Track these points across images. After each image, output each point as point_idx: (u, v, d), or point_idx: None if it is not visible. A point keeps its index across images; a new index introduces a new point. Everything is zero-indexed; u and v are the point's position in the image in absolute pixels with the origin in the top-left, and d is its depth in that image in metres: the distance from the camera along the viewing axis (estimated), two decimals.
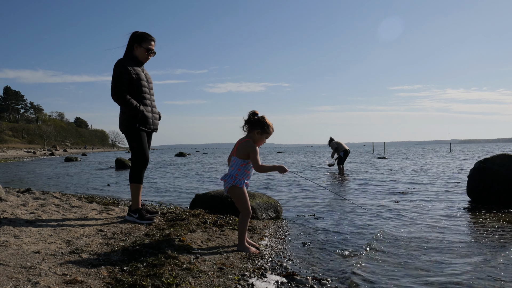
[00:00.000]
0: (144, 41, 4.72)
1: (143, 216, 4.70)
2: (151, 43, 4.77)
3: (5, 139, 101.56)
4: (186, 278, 2.88)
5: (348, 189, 9.83)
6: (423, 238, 4.64)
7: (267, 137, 3.88)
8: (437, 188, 9.73)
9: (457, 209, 6.60)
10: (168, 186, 11.34)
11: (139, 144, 4.70)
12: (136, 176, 4.74)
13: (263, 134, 3.83)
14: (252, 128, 3.83)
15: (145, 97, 4.74)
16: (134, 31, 4.78)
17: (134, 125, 4.66)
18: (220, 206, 5.65)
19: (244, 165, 3.81)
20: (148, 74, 4.95)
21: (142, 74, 4.76)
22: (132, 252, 3.41)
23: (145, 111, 4.70)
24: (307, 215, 6.15)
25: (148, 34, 4.78)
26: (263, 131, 3.82)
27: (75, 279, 2.68)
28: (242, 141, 3.83)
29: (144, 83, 4.73)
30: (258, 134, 3.82)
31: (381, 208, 6.79)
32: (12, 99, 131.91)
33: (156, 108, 4.96)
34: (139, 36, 4.73)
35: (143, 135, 4.75)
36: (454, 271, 3.44)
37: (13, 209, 5.04)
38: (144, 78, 4.75)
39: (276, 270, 3.35)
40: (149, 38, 4.75)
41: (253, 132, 3.83)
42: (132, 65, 4.67)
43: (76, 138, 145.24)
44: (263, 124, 3.82)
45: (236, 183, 3.77)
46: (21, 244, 3.44)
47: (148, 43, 4.74)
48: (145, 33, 4.76)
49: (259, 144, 3.85)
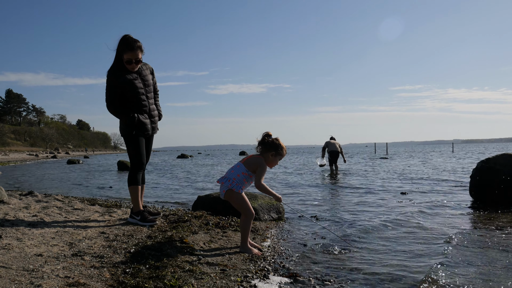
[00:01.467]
0: (125, 52, 4.49)
1: (145, 218, 4.70)
2: (129, 53, 4.48)
3: (8, 142, 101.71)
4: (189, 280, 2.88)
5: (349, 190, 9.81)
6: (426, 239, 4.63)
7: (280, 159, 4.00)
8: (440, 188, 9.71)
9: (459, 209, 6.59)
10: (170, 188, 11.35)
11: (135, 149, 4.71)
12: (133, 179, 4.75)
13: (277, 156, 3.93)
14: (266, 150, 3.91)
15: (142, 104, 4.68)
16: (124, 34, 4.57)
17: (131, 132, 4.67)
18: (222, 208, 5.65)
19: (246, 175, 3.85)
20: (147, 71, 4.81)
21: (137, 80, 4.63)
22: (134, 254, 3.42)
23: (142, 118, 4.68)
24: (309, 216, 6.14)
25: (129, 40, 4.50)
26: (277, 153, 3.91)
27: (77, 282, 2.68)
28: (256, 156, 3.93)
29: (140, 89, 4.64)
30: (272, 156, 3.91)
31: (383, 208, 6.78)
32: (14, 102, 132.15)
33: (156, 110, 4.93)
34: (121, 43, 4.51)
35: (141, 140, 4.75)
36: (456, 273, 3.43)
37: (15, 212, 5.05)
38: (138, 84, 4.63)
39: (279, 271, 3.35)
40: (128, 48, 4.48)
41: (267, 153, 3.90)
42: (122, 73, 4.56)
43: (78, 141, 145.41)
44: (277, 147, 3.91)
45: (232, 186, 3.78)
46: (23, 247, 3.44)
47: (128, 54, 4.49)
48: (126, 40, 4.50)
49: (272, 165, 3.96)
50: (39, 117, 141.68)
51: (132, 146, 4.71)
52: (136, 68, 4.64)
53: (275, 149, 3.90)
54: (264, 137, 3.96)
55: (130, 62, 4.54)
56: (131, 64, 4.56)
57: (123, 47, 4.50)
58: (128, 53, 4.50)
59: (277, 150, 3.90)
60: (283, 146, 3.95)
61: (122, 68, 4.60)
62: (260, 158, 3.90)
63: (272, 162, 3.94)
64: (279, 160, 4.02)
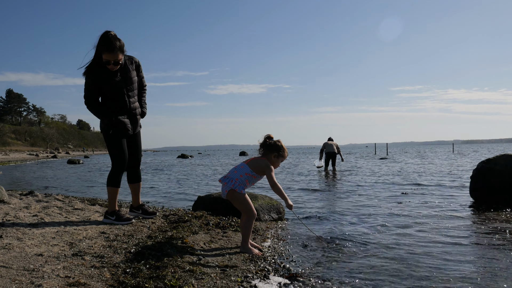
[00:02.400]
0: (103, 52, 4.27)
1: (120, 217, 4.67)
2: (110, 55, 4.26)
3: (8, 141, 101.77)
4: (189, 280, 2.88)
5: (349, 190, 9.80)
6: (426, 239, 4.63)
7: (282, 160, 4.05)
8: (440, 188, 9.71)
9: (460, 210, 6.59)
10: (170, 188, 11.35)
11: (116, 147, 4.62)
12: (114, 179, 4.66)
13: (279, 157, 3.99)
14: (269, 152, 3.96)
15: (122, 103, 4.54)
16: (105, 31, 4.31)
17: (108, 132, 4.59)
18: (223, 208, 5.65)
19: (249, 175, 3.86)
20: (132, 66, 4.59)
21: (117, 77, 4.45)
22: (135, 254, 3.42)
23: (121, 118, 4.56)
24: (309, 217, 6.14)
25: (110, 42, 4.23)
26: (279, 154, 3.97)
27: (78, 282, 2.68)
28: (260, 158, 3.97)
29: (119, 88, 4.47)
30: (275, 158, 3.96)
31: (383, 209, 6.78)
32: (15, 101, 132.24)
33: (139, 108, 4.76)
34: (100, 43, 4.27)
35: (121, 138, 4.65)
36: (456, 273, 3.43)
37: (16, 211, 5.05)
38: (119, 82, 4.46)
39: (279, 272, 3.35)
40: (107, 48, 4.23)
41: (269, 155, 3.96)
42: (102, 71, 4.39)
43: (78, 141, 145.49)
44: (279, 148, 3.96)
45: (235, 187, 3.78)
46: (24, 246, 3.44)
47: (106, 55, 4.26)
48: (106, 41, 4.24)
49: (275, 166, 3.99)
50: (39, 117, 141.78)
51: (111, 144, 4.62)
52: (115, 69, 4.42)
53: (277, 151, 3.95)
54: (266, 139, 4.00)
55: (108, 63, 4.33)
56: (109, 65, 4.35)
57: (102, 47, 4.25)
58: (107, 53, 4.26)
59: (279, 152, 3.96)
60: (285, 148, 4.01)
61: (101, 64, 4.39)
62: (265, 159, 3.95)
63: (275, 164, 3.99)
64: (281, 162, 4.06)
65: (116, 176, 4.67)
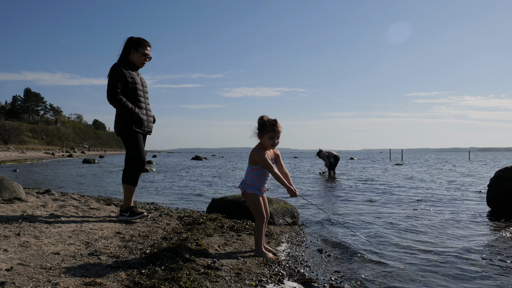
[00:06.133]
0: (141, 47, 4.79)
1: (134, 213, 4.79)
2: (147, 49, 4.84)
3: (25, 140, 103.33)
4: (204, 282, 2.88)
5: (364, 197, 9.73)
6: (443, 247, 4.56)
7: (272, 136, 3.63)
8: (456, 196, 9.58)
9: (476, 219, 6.48)
10: (184, 190, 11.40)
11: (136, 146, 4.74)
12: (132, 178, 4.79)
13: (264, 134, 3.64)
14: (260, 134, 3.69)
15: (140, 100, 4.79)
16: (130, 36, 4.84)
17: (130, 127, 4.70)
18: (237, 211, 5.65)
19: (252, 171, 3.75)
20: (144, 78, 4.99)
21: (137, 78, 4.81)
22: (150, 255, 3.43)
23: (140, 114, 4.74)
24: (323, 221, 6.10)
25: (144, 39, 4.85)
26: (263, 131, 3.65)
27: (94, 281, 2.70)
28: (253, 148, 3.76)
29: (139, 86, 4.78)
30: (262, 137, 3.67)
31: (399, 216, 6.71)
32: (32, 100, 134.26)
33: (150, 111, 5.01)
34: (135, 41, 4.79)
35: (139, 137, 4.78)
36: (472, 282, 3.37)
37: (33, 210, 5.11)
38: (139, 82, 4.80)
39: (293, 277, 3.33)
40: (145, 43, 4.82)
41: (263, 137, 3.67)
42: (128, 69, 4.73)
43: (94, 140, 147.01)
44: (261, 125, 3.66)
45: (245, 189, 3.76)
46: (41, 245, 3.48)
47: (144, 48, 4.81)
48: (141, 39, 4.83)
49: (269, 147, 3.67)
50: (56, 116, 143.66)
51: (133, 143, 4.73)
52: (144, 64, 4.89)
53: (260, 128, 3.66)
54: (257, 121, 3.71)
55: (147, 56, 4.83)
56: (145, 59, 4.84)
57: (138, 44, 4.78)
58: (145, 47, 4.82)
59: (266, 128, 3.62)
60: (269, 120, 3.64)
61: (127, 64, 4.78)
62: (255, 147, 3.70)
63: (266, 143, 3.65)
64: (277, 138, 3.65)
65: (135, 174, 4.79)
